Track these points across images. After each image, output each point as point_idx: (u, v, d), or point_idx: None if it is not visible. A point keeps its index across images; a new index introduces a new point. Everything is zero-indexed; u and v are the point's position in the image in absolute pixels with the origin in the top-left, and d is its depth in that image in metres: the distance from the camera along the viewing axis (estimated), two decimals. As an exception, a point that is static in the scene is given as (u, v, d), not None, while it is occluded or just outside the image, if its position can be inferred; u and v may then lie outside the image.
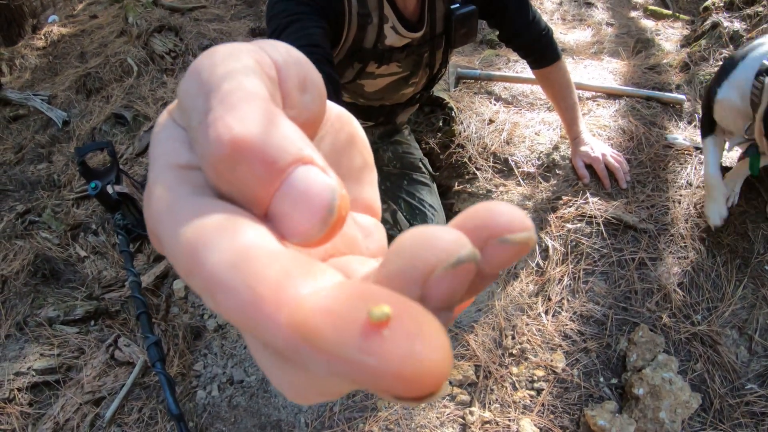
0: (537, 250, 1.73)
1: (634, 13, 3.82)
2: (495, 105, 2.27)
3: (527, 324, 1.57)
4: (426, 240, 0.16)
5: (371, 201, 0.26)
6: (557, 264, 1.67)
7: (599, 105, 2.20)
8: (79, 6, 4.90)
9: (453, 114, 2.23)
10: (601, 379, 1.47)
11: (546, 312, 1.58)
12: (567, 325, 1.55)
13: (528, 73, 2.10)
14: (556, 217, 1.77)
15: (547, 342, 1.53)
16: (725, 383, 1.47)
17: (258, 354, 0.18)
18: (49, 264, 2.09)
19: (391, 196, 1.93)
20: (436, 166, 2.20)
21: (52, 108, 3.10)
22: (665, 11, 3.77)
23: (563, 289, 1.62)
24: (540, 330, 1.55)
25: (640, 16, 3.77)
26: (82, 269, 2.11)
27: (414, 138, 2.12)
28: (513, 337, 1.55)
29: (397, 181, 1.95)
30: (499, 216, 0.17)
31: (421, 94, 1.79)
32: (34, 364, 1.74)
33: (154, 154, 0.20)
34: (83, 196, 2.44)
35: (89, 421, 1.59)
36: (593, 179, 1.85)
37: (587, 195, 1.80)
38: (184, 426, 1.24)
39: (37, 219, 2.38)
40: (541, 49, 1.67)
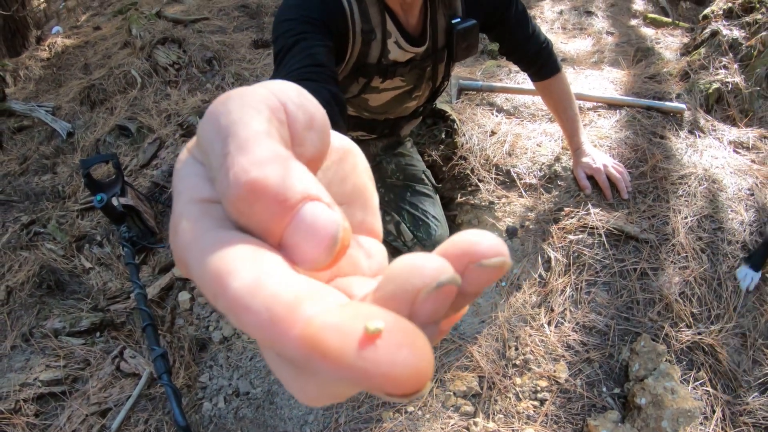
0: (540, 261, 1.74)
1: (633, 21, 3.85)
2: (497, 116, 2.28)
3: (530, 335, 1.58)
4: (414, 267, 0.19)
5: (372, 225, 0.29)
6: (560, 275, 1.68)
7: (600, 115, 2.21)
8: (83, 17, 4.94)
9: (455, 126, 2.24)
10: (604, 389, 1.48)
11: (549, 323, 1.60)
12: (570, 336, 1.56)
13: (529, 84, 2.12)
14: (558, 228, 1.79)
15: (550, 352, 1.54)
16: (727, 391, 1.47)
17: (274, 364, 0.21)
18: (55, 275, 2.10)
19: (395, 207, 1.94)
20: (438, 178, 2.22)
21: (56, 119, 3.12)
22: (665, 19, 3.79)
23: (566, 300, 1.63)
24: (543, 341, 1.56)
25: (639, 24, 3.79)
26: (87, 280, 2.13)
27: (417, 150, 2.14)
28: (516, 348, 1.56)
29: (401, 193, 1.97)
30: (478, 244, 0.21)
31: (424, 107, 1.80)
32: (40, 375, 1.75)
33: (177, 188, 0.23)
34: (88, 207, 2.46)
35: (96, 433, 1.60)
36: (595, 190, 1.86)
37: (589, 206, 1.81)
38: (191, 439, 1.25)
39: (42, 230, 2.39)
40: (541, 62, 1.69)
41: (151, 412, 1.62)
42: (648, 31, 3.51)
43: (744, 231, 1.79)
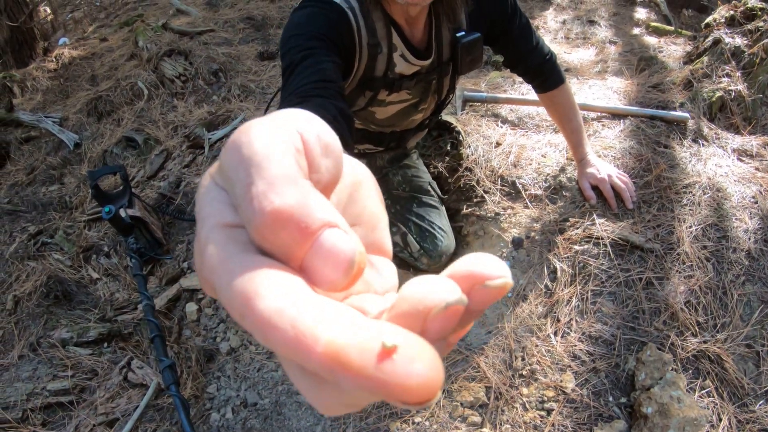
0: (545, 271, 1.75)
1: (636, 30, 3.86)
2: (502, 128, 2.30)
3: (537, 345, 1.58)
4: (425, 289, 0.22)
5: (382, 244, 0.31)
6: (565, 285, 1.69)
7: (604, 126, 2.22)
8: (90, 29, 4.98)
9: (460, 138, 2.25)
10: (611, 399, 1.48)
11: (555, 333, 1.60)
12: (576, 346, 1.56)
13: (534, 95, 2.13)
14: (563, 239, 1.79)
15: (557, 363, 1.54)
16: (734, 400, 1.47)
17: (294, 376, 0.23)
18: (62, 285, 2.11)
19: (401, 219, 1.96)
20: (444, 189, 2.23)
21: (63, 130, 3.14)
22: (668, 27, 3.80)
23: (572, 310, 1.63)
24: (549, 351, 1.57)
25: (642, 32, 3.80)
26: (94, 291, 2.14)
27: (422, 162, 2.15)
28: (523, 359, 1.56)
29: (407, 204, 1.98)
30: (483, 267, 0.23)
31: (430, 119, 1.81)
32: (47, 384, 1.76)
33: (202, 213, 0.25)
34: (95, 218, 2.47)
35: (104, 443, 1.61)
36: (600, 200, 1.87)
37: (594, 216, 1.82)
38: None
39: (50, 240, 2.41)
40: (545, 74, 1.70)
41: (159, 422, 1.63)
42: (651, 40, 3.53)
43: (749, 239, 1.79)
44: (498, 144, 2.20)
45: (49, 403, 1.71)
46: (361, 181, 0.30)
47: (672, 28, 3.80)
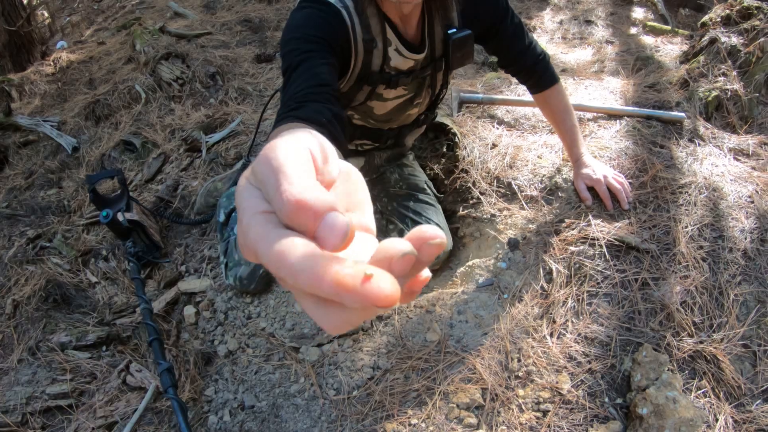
0: (541, 272, 1.75)
1: (633, 30, 3.87)
2: (498, 129, 2.30)
3: (532, 346, 1.58)
4: (391, 245, 0.33)
5: (368, 224, 0.42)
6: (561, 286, 1.69)
7: (600, 126, 2.23)
8: (87, 32, 4.99)
9: (456, 139, 2.26)
10: (606, 400, 1.48)
11: (551, 334, 1.60)
12: (572, 347, 1.57)
13: (529, 96, 2.13)
14: (559, 240, 1.80)
15: (553, 364, 1.54)
16: (730, 400, 1.47)
17: (310, 308, 0.33)
18: (61, 289, 2.11)
19: (399, 216, 1.98)
20: (440, 191, 2.23)
21: (61, 134, 3.14)
22: (664, 27, 3.80)
23: (567, 311, 1.64)
24: (545, 352, 1.57)
25: (639, 32, 3.81)
26: (93, 295, 2.14)
27: (418, 164, 2.18)
28: (519, 360, 1.56)
29: (404, 202, 2.00)
30: (427, 231, 0.34)
31: (426, 114, 1.86)
32: (46, 388, 1.76)
33: (243, 205, 0.36)
34: (93, 221, 2.47)
35: (103, 447, 1.61)
36: (596, 201, 1.88)
37: (590, 217, 1.82)
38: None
39: (48, 244, 2.41)
40: (539, 74, 1.74)
41: (157, 425, 1.63)
42: (648, 40, 3.53)
43: (745, 239, 1.80)
44: (494, 145, 2.21)
45: (49, 407, 1.71)
46: (353, 178, 0.42)
47: (669, 27, 3.80)
